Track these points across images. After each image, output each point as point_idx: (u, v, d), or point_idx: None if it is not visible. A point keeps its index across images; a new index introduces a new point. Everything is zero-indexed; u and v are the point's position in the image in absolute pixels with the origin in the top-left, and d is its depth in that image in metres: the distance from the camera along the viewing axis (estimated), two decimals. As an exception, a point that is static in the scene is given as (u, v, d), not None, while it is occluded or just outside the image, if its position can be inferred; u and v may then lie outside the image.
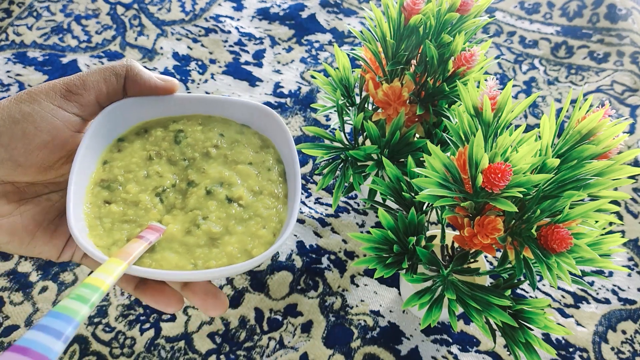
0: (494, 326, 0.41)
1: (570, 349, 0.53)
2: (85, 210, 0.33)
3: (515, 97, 0.76)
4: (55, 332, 0.23)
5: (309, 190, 0.64)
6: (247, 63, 0.78)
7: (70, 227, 0.30)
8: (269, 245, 0.33)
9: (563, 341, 0.54)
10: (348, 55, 0.52)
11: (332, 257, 0.59)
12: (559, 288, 0.58)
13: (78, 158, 0.33)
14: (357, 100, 0.52)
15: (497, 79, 0.50)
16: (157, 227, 0.33)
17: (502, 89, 0.37)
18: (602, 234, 0.39)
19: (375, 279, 0.57)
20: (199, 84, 0.75)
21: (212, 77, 0.76)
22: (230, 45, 0.80)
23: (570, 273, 0.36)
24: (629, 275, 0.59)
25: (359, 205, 0.63)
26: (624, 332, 0.54)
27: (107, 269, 0.27)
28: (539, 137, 0.36)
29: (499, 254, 0.57)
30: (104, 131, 0.35)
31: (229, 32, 0.81)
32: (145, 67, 0.76)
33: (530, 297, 0.57)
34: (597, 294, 0.57)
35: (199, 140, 0.38)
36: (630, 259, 0.60)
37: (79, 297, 0.25)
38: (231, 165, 0.37)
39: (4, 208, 0.31)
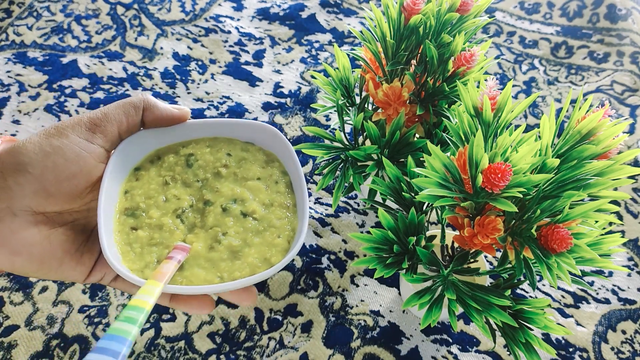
0: (494, 326, 0.41)
1: (570, 349, 0.53)
2: (115, 238, 0.36)
3: (515, 97, 0.76)
4: (113, 352, 0.26)
5: (309, 190, 0.64)
6: (247, 63, 0.78)
7: (106, 256, 0.33)
8: (286, 252, 0.36)
9: (563, 341, 0.54)
10: (348, 55, 0.52)
11: (332, 257, 0.59)
12: (559, 288, 0.58)
13: (103, 190, 0.35)
14: (357, 100, 0.52)
15: (497, 79, 0.50)
16: (182, 246, 0.36)
17: (502, 89, 0.37)
18: (602, 234, 0.39)
19: (375, 279, 0.57)
20: (199, 84, 0.75)
21: (212, 77, 0.76)
22: (230, 46, 0.80)
23: (570, 273, 0.36)
24: (629, 275, 0.59)
25: (359, 205, 0.63)
26: (623, 332, 0.54)
27: (147, 291, 0.31)
28: (539, 137, 0.36)
29: (499, 254, 0.57)
30: (122, 163, 0.38)
31: (229, 32, 0.81)
32: (145, 67, 0.76)
33: (530, 297, 0.57)
34: (597, 294, 0.57)
35: (209, 161, 0.40)
36: (630, 259, 0.60)
37: (128, 319, 0.28)
38: (241, 182, 0.40)
39: (36, 237, 0.33)
